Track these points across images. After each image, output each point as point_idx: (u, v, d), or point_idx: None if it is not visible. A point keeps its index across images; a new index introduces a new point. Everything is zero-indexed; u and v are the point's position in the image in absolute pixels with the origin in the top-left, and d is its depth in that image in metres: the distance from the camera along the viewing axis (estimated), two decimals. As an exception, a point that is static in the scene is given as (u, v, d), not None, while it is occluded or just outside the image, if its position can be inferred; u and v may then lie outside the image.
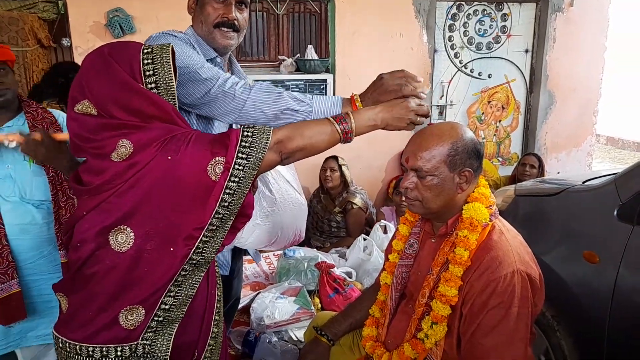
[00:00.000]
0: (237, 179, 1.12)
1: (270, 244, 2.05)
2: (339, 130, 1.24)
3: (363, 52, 3.97)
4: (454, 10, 4.26)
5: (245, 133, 1.14)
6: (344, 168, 3.55)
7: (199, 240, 1.13)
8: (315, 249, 2.90)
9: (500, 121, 4.67)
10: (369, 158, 4.18)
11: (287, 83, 3.68)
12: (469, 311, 1.20)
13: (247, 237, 1.94)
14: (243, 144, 1.13)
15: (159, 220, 1.11)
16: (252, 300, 2.39)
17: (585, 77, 4.59)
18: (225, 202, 1.12)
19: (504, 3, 4.36)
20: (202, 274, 1.19)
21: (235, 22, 1.49)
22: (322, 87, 3.76)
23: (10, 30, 3.18)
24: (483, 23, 4.36)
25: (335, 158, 3.57)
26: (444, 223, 1.33)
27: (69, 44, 3.41)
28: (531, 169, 3.82)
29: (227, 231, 1.18)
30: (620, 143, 8.88)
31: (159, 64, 1.14)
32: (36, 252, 1.79)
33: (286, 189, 2.00)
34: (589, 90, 4.65)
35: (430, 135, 1.31)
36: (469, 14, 4.31)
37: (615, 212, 1.68)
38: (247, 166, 1.12)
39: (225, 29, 1.48)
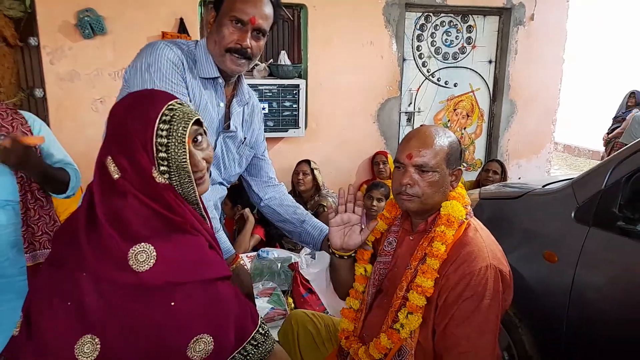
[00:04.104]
0: None
1: None
2: None
3: (335, 59, 4.05)
4: (422, 21, 4.40)
5: None
6: (315, 172, 3.59)
7: None
8: (287, 251, 2.93)
9: (465, 128, 4.84)
10: (340, 162, 4.25)
11: (260, 88, 3.71)
12: (444, 303, 1.26)
13: None
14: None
15: None
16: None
17: (545, 88, 4.81)
18: None
19: (469, 15, 4.53)
20: None
21: (249, 50, 1.43)
22: (294, 92, 3.80)
23: (-25, 27, 3.09)
24: (449, 34, 4.52)
25: (307, 162, 3.61)
26: (424, 220, 1.38)
27: (36, 44, 3.33)
28: (494, 174, 3.97)
29: None
30: (576, 151, 9.30)
31: (173, 139, 0.96)
32: (-1, 255, 1.73)
33: None
34: (548, 100, 4.88)
35: (429, 133, 1.34)
36: (437, 25, 4.46)
37: (572, 214, 1.78)
38: None
39: (237, 56, 1.44)
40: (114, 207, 0.95)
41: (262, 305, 2.28)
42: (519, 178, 4.79)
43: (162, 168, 0.96)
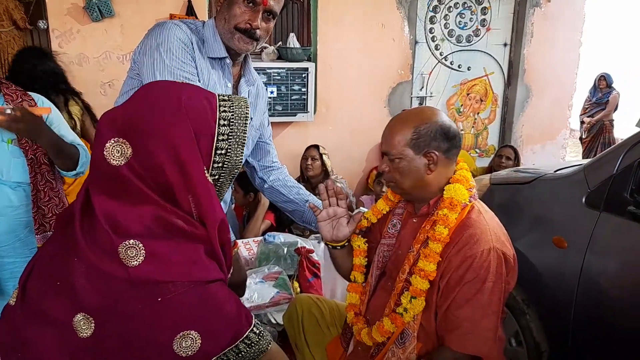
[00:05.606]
0: None
1: None
2: None
3: (345, 42, 3.98)
4: (435, 2, 4.30)
5: None
6: (324, 157, 3.57)
7: None
8: (295, 235, 2.93)
9: (478, 113, 4.75)
10: (349, 148, 4.21)
11: (268, 71, 3.68)
12: (446, 285, 1.26)
13: None
14: None
15: None
16: (232, 285, 2.40)
17: (561, 72, 4.70)
18: None
19: (484, -4, 4.42)
20: None
21: (257, 31, 1.43)
22: (303, 75, 3.76)
23: (-16, 10, 3.10)
24: (463, 16, 4.42)
25: (316, 147, 3.59)
26: (426, 203, 1.38)
27: (45, 27, 3.33)
28: (507, 160, 3.91)
29: None
30: (594, 138, 9.09)
31: (234, 138, 0.99)
32: (12, 235, 1.76)
33: None
34: (564, 84, 4.76)
35: (397, 121, 1.39)
36: (450, 7, 4.36)
37: (583, 199, 1.75)
38: None
39: (245, 36, 1.43)
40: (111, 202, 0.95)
41: (268, 289, 2.29)
42: (533, 164, 4.71)
43: (213, 172, 0.99)
